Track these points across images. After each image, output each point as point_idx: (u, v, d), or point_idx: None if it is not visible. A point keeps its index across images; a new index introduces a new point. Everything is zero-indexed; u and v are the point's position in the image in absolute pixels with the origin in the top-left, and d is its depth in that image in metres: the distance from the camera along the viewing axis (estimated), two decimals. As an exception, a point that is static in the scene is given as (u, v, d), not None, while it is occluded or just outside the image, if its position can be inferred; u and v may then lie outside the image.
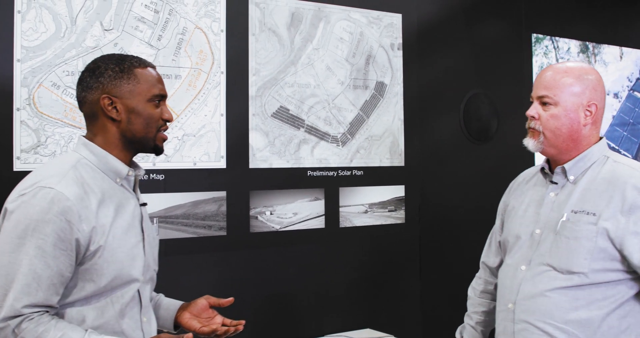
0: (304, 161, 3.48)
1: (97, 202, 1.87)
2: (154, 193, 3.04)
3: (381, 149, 3.75)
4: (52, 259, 1.77)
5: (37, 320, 1.75)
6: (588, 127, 2.19)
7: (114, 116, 1.94)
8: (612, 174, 2.12)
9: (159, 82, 2.02)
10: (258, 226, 3.34)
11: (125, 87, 1.95)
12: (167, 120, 2.03)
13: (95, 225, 1.84)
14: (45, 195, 1.79)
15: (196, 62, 3.14)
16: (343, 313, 3.64)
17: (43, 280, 1.76)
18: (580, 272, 2.07)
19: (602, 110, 2.21)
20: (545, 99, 2.19)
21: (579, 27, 4.83)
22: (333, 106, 3.57)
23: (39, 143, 2.78)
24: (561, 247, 2.12)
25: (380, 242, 3.76)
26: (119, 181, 1.98)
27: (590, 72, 2.21)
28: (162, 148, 2.07)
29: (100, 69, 1.96)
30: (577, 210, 2.13)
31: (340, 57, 3.60)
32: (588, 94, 2.17)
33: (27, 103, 2.76)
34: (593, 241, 2.06)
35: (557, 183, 2.23)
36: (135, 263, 1.95)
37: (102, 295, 1.88)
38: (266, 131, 3.35)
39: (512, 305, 2.21)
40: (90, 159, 1.94)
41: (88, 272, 1.85)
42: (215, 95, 3.19)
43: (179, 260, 3.11)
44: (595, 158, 2.19)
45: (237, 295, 3.27)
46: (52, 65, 2.80)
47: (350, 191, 3.64)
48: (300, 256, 3.49)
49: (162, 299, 2.27)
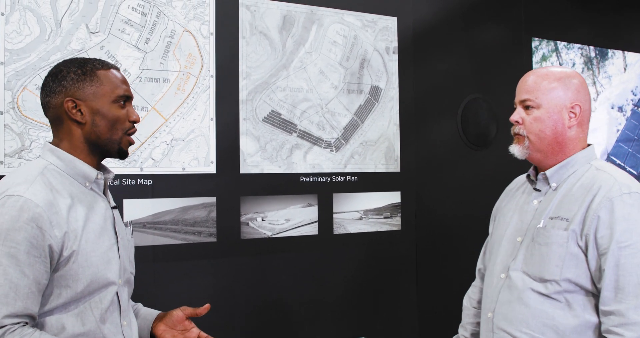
0: (296, 166, 3.42)
1: (67, 207, 1.85)
2: (142, 198, 2.98)
3: (376, 154, 3.69)
4: (27, 267, 1.75)
5: (20, 332, 1.73)
6: (574, 129, 2.15)
7: (79, 119, 1.93)
8: (590, 181, 2.08)
9: (123, 83, 2.01)
10: (249, 232, 3.28)
11: (88, 89, 1.94)
12: (134, 121, 2.02)
13: (67, 230, 1.82)
14: (14, 203, 1.77)
15: (185, 65, 3.09)
16: (338, 322, 3.57)
17: (20, 289, 1.74)
18: (552, 279, 2.04)
19: (587, 112, 2.18)
20: (528, 103, 2.17)
21: (579, 31, 4.77)
22: (326, 111, 3.51)
23: (23, 147, 2.73)
24: (535, 254, 2.10)
25: (375, 249, 3.70)
26: (88, 185, 1.97)
27: (573, 75, 2.19)
28: (127, 152, 2.05)
29: (62, 72, 1.95)
30: (554, 216, 2.10)
31: (334, 61, 3.54)
32: (571, 95, 2.15)
33: (10, 107, 2.71)
34: (564, 247, 2.03)
35: (541, 191, 2.20)
36: (111, 266, 1.94)
37: (80, 300, 1.86)
38: (257, 135, 3.29)
39: (491, 314, 2.20)
40: (58, 164, 1.93)
41: (63, 278, 1.83)
42: (204, 99, 3.14)
43: (167, 267, 3.06)
44: (578, 165, 2.16)
45: (228, 303, 3.23)
46: (37, 68, 2.76)
47: (345, 197, 3.58)
48: (292, 263, 3.43)
49: (139, 308, 2.24)
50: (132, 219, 2.95)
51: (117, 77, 2.01)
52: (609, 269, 1.95)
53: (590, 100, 2.20)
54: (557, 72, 2.18)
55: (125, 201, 2.93)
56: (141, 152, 2.98)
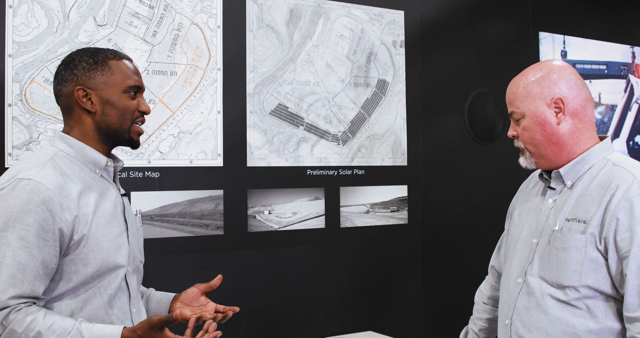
0: (303, 159, 3.42)
1: (78, 191, 1.87)
2: (149, 191, 2.99)
3: (383, 148, 3.69)
4: (36, 249, 1.77)
5: (25, 310, 1.76)
6: (567, 124, 2.04)
7: (89, 107, 1.95)
8: (607, 178, 1.98)
9: (134, 73, 2.03)
10: (256, 225, 3.29)
11: (99, 78, 1.96)
12: (143, 112, 2.04)
13: (78, 214, 1.84)
14: (25, 186, 1.79)
15: (192, 58, 3.10)
16: (344, 316, 3.57)
17: (28, 271, 1.76)
18: (571, 286, 1.96)
19: (577, 101, 2.05)
20: (514, 115, 2.12)
21: (587, 26, 4.75)
22: (333, 104, 3.51)
23: (31, 139, 2.74)
24: (552, 259, 2.01)
25: (382, 243, 3.70)
26: (98, 171, 1.99)
27: (549, 70, 2.08)
28: (138, 141, 2.07)
29: (74, 61, 1.98)
30: (570, 218, 2.00)
31: (341, 55, 3.54)
32: (547, 91, 2.04)
33: (18, 99, 2.72)
34: (582, 251, 1.94)
35: (555, 189, 2.10)
36: (120, 251, 1.96)
37: (89, 285, 1.88)
38: (264, 129, 3.30)
39: (508, 321, 2.12)
40: (68, 151, 1.95)
41: (74, 263, 1.85)
42: (212, 92, 3.14)
43: (175, 259, 3.07)
44: (593, 160, 2.04)
45: (235, 296, 3.23)
46: (45, 60, 2.77)
47: (352, 191, 3.58)
48: (299, 256, 3.43)
49: (153, 293, 2.27)
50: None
51: (129, 67, 2.02)
52: (632, 273, 1.86)
53: (580, 86, 2.06)
54: (530, 74, 2.09)
55: (133, 193, 2.94)
56: (148, 145, 2.98)
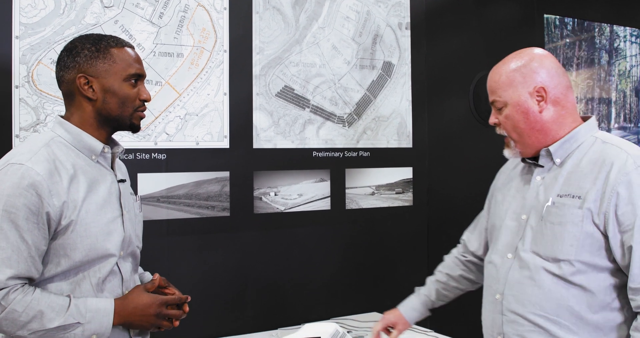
0: (309, 141, 3.43)
1: (69, 178, 1.90)
2: (156, 172, 3.00)
3: (388, 130, 3.69)
4: (27, 232, 1.81)
5: (23, 290, 1.82)
6: (549, 111, 2.06)
7: (90, 95, 1.98)
8: (599, 155, 2.00)
9: (136, 61, 2.04)
10: (262, 207, 3.30)
11: (100, 66, 1.98)
12: (144, 100, 2.06)
13: (66, 200, 1.87)
14: (16, 171, 1.83)
15: (198, 40, 3.10)
16: (349, 297, 3.60)
17: (22, 253, 1.81)
18: (566, 259, 1.97)
19: (559, 88, 2.08)
20: (495, 104, 2.13)
21: (593, 8, 4.73)
22: (339, 86, 3.51)
23: (38, 121, 2.75)
24: (546, 234, 2.02)
25: (387, 225, 3.71)
26: (95, 158, 2.01)
27: (529, 58, 2.10)
28: (139, 126, 2.09)
29: (77, 49, 2.00)
30: (563, 194, 2.02)
31: (347, 37, 3.54)
32: (529, 80, 2.06)
33: (25, 81, 2.73)
34: (579, 226, 1.96)
35: (544, 166, 2.12)
36: (111, 238, 1.98)
37: (79, 269, 1.92)
38: (270, 110, 3.30)
39: (499, 295, 2.12)
40: (65, 137, 1.98)
41: (62, 247, 1.88)
42: (218, 74, 3.15)
43: (181, 241, 3.09)
44: (582, 138, 2.07)
45: (240, 277, 3.26)
46: (52, 42, 2.77)
47: (357, 173, 3.59)
48: (305, 238, 3.45)
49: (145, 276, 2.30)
50: (146, 193, 2.98)
51: (131, 55, 2.04)
52: (638, 245, 1.88)
53: (560, 74, 2.09)
54: (511, 62, 2.11)
55: (139, 175, 2.95)
56: (155, 126, 2.99)
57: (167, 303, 2.04)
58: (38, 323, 1.82)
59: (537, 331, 2.03)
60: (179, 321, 2.09)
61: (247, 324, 3.25)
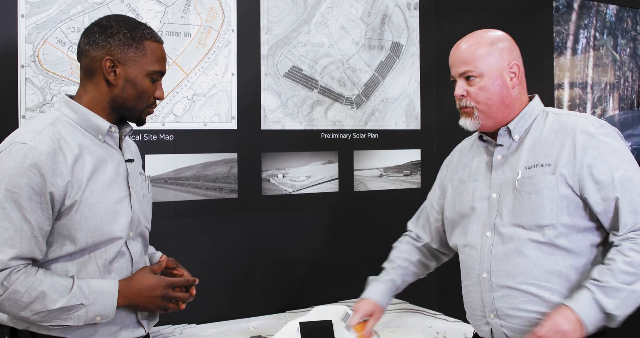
0: (317, 122, 3.39)
1: (74, 157, 1.88)
2: (163, 154, 2.97)
3: (397, 111, 3.66)
4: (30, 213, 1.80)
5: (25, 271, 1.81)
6: (516, 88, 2.18)
7: (111, 79, 1.97)
8: (558, 125, 2.12)
9: (163, 59, 2.06)
10: (270, 189, 3.27)
11: (131, 55, 1.97)
12: (158, 98, 2.05)
13: (70, 180, 1.86)
14: (19, 150, 1.82)
15: (206, 19, 3.05)
16: (357, 279, 3.55)
17: (24, 233, 1.80)
18: (549, 224, 2.05)
19: (522, 69, 2.21)
20: (469, 74, 2.17)
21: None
22: (347, 67, 3.47)
23: (45, 101, 2.71)
24: (524, 204, 2.09)
25: (395, 207, 3.68)
26: (101, 137, 1.99)
27: (502, 36, 2.22)
28: (145, 121, 2.09)
29: (112, 29, 1.98)
30: (531, 165, 2.11)
31: (355, 17, 3.49)
32: (507, 56, 2.17)
33: (32, 60, 2.69)
34: (555, 190, 2.04)
35: (503, 145, 2.20)
36: (118, 218, 1.96)
37: (85, 251, 1.91)
38: (278, 91, 3.26)
39: (486, 273, 2.16)
40: (71, 116, 1.96)
41: (66, 228, 1.87)
42: (226, 54, 3.10)
43: (189, 223, 3.06)
44: (535, 114, 2.20)
45: (248, 259, 3.24)
46: (58, 21, 2.72)
47: (365, 155, 3.56)
48: (313, 220, 3.43)
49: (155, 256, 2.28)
50: (153, 175, 2.94)
51: (161, 52, 2.05)
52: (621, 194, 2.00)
53: (521, 57, 2.23)
54: (487, 36, 2.20)
55: (147, 156, 2.92)
56: (162, 107, 2.95)
57: (174, 285, 2.02)
58: (40, 304, 1.81)
59: (531, 300, 2.08)
60: (185, 304, 2.07)
61: (255, 307, 3.23)
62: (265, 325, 3.04)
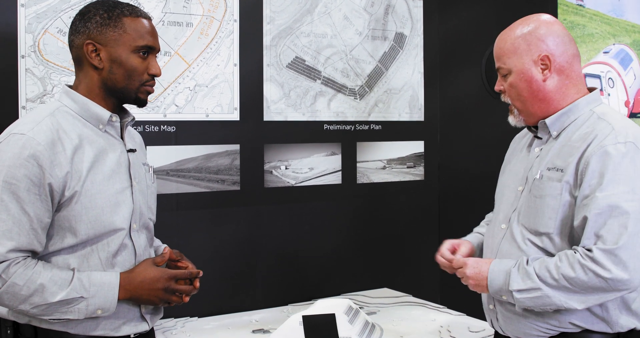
0: (320, 114, 3.36)
1: (73, 148, 1.85)
2: (165, 145, 2.94)
3: (400, 103, 3.62)
4: (28, 204, 1.77)
5: (24, 263, 1.78)
6: (554, 81, 2.02)
7: (96, 63, 1.92)
8: (589, 130, 1.96)
9: (149, 33, 1.96)
10: (273, 181, 3.25)
11: (110, 35, 1.91)
12: (154, 75, 1.98)
13: (70, 171, 1.82)
14: (17, 141, 1.79)
15: (208, 9, 3.02)
16: (360, 272, 3.56)
17: (23, 225, 1.77)
18: (546, 232, 1.97)
19: (564, 57, 2.03)
20: (501, 71, 2.08)
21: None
22: (350, 58, 3.44)
23: (45, 91, 2.68)
24: (530, 206, 2.02)
25: (398, 199, 3.66)
26: (102, 127, 1.95)
27: (536, 25, 2.05)
28: (146, 101, 2.01)
29: (89, 13, 1.93)
30: (550, 167, 2.00)
31: (359, 7, 3.46)
32: (534, 48, 2.01)
33: (32, 50, 2.65)
34: (558, 199, 1.95)
35: (542, 138, 2.10)
36: (119, 209, 1.92)
37: (87, 243, 1.87)
38: (281, 82, 3.23)
39: None
40: (71, 106, 1.93)
41: (66, 219, 1.84)
42: (228, 44, 3.07)
43: (191, 215, 3.03)
44: (579, 112, 2.03)
45: (250, 252, 3.21)
46: (58, 10, 2.69)
47: (368, 146, 3.53)
48: (316, 212, 3.40)
49: (161, 249, 2.24)
50: (155, 166, 2.91)
51: (144, 26, 1.96)
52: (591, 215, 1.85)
53: (567, 42, 2.04)
54: (517, 28, 2.06)
55: (149, 147, 2.86)
56: (164, 98, 2.92)
57: (177, 277, 1.98)
58: (39, 297, 1.78)
59: None
60: (189, 296, 2.04)
61: (257, 300, 3.21)
62: (268, 318, 3.02)
